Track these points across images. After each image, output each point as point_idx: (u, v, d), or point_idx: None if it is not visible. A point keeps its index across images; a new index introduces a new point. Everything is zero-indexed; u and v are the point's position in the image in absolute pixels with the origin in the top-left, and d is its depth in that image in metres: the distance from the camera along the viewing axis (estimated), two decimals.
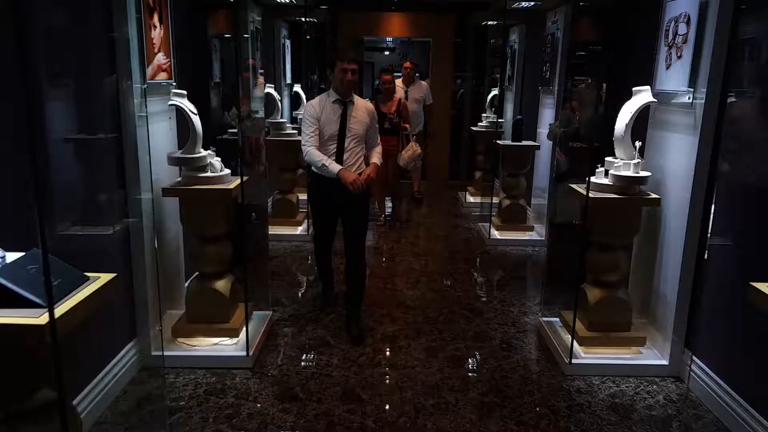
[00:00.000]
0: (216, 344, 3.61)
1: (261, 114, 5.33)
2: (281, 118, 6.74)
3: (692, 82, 3.24)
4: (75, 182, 2.94)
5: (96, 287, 1.79)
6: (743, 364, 3.00)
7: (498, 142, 6.44)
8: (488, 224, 6.40)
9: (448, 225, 7.07)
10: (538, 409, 3.16)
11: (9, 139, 2.30)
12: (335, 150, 3.82)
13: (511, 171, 6.33)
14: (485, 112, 8.14)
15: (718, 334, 3.22)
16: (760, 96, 2.91)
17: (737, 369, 3.03)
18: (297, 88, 7.56)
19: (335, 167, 3.73)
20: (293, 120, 7.48)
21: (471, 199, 8.07)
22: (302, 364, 3.58)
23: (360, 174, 3.77)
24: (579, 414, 3.11)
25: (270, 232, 5.62)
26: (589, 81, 4.65)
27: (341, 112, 3.81)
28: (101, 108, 3.12)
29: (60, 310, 1.62)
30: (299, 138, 4.35)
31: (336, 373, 3.46)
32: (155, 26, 3.40)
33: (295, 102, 7.73)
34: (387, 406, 3.14)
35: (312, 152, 3.78)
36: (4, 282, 1.60)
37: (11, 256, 1.82)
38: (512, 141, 6.26)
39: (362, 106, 3.93)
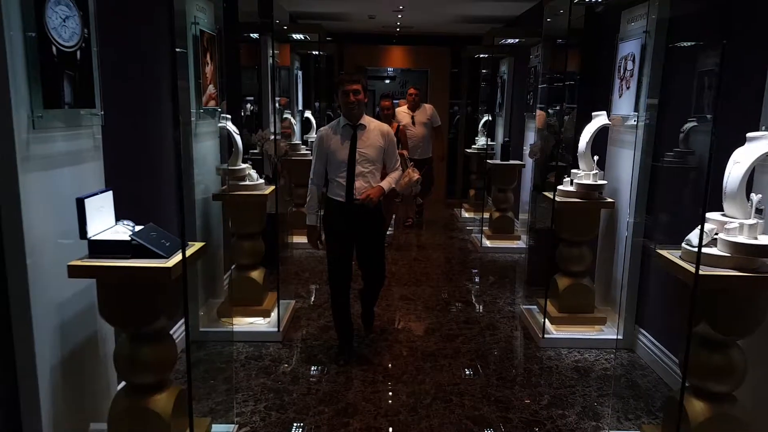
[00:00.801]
0: (251, 323, 4.38)
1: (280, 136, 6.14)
2: (296, 140, 7.57)
3: (636, 107, 4.06)
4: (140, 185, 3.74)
5: (196, 248, 2.57)
6: (672, 327, 3.77)
7: (488, 161, 7.27)
8: (480, 234, 7.21)
9: (444, 237, 7.85)
10: (514, 370, 3.92)
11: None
12: (346, 176, 3.76)
13: (500, 187, 7.14)
14: (478, 136, 8.99)
15: (658, 310, 4.00)
16: (682, 119, 3.73)
17: (672, 335, 3.80)
18: (308, 114, 8.41)
19: (310, 220, 3.94)
20: (305, 142, 8.31)
21: (466, 215, 8.88)
22: (322, 339, 4.34)
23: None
24: (548, 373, 3.87)
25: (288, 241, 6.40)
26: (557, 107, 5.45)
27: (351, 137, 3.77)
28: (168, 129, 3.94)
29: (174, 261, 2.39)
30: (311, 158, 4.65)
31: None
32: (207, 63, 4.23)
33: (306, 126, 8.58)
34: (392, 366, 3.90)
35: (310, 190, 3.92)
36: (140, 241, 2.39)
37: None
38: (501, 160, 7.09)
39: (375, 128, 3.85)
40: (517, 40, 7.30)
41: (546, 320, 4.37)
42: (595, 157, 4.24)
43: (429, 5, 7.66)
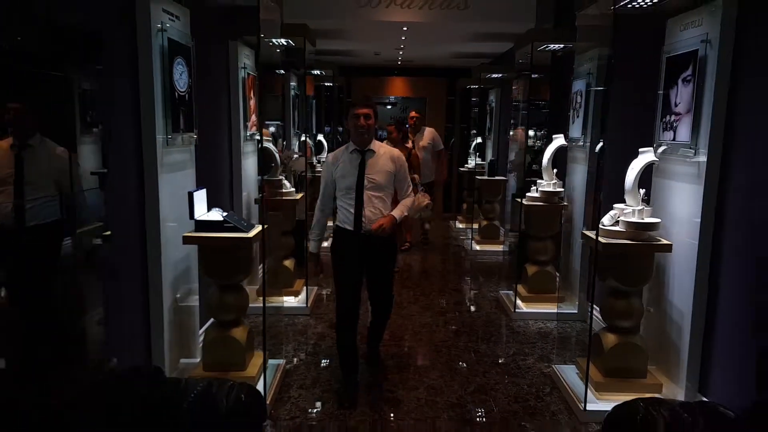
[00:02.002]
0: (285, 302, 5.55)
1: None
2: (278, 174, 8.79)
3: (584, 132, 5.27)
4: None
5: (259, 229, 3.75)
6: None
7: (477, 177, 8.49)
8: (471, 240, 8.40)
9: (440, 244, 9.02)
10: (490, 333, 5.07)
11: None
12: (354, 203, 3.66)
13: (487, 199, 8.35)
14: (470, 157, 10.21)
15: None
16: (616, 139, 4.92)
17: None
18: (320, 137, 9.65)
19: (312, 246, 3.93)
20: (318, 161, 9.55)
21: (460, 225, 10.07)
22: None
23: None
24: (516, 335, 5.03)
25: None
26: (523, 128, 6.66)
27: (359, 162, 3.67)
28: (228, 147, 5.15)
29: (253, 233, 3.57)
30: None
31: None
32: (251, 98, 5.46)
33: (319, 148, 9.81)
34: (395, 333, 5.05)
35: (316, 216, 3.89)
36: (231, 221, 3.57)
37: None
38: (488, 176, 8.31)
39: (385, 153, 3.74)
40: (501, 74, 8.56)
41: (517, 299, 5.53)
42: (554, 170, 5.44)
43: (426, 44, 8.94)
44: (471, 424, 3.56)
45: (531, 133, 7.02)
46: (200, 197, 3.65)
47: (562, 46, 5.83)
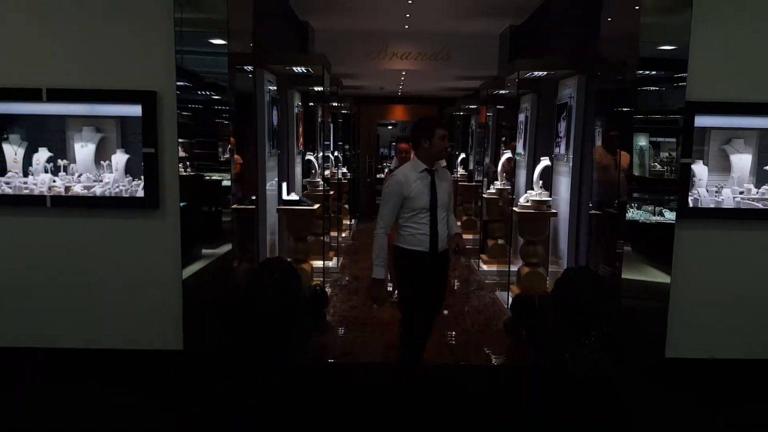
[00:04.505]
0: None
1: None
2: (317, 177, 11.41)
3: (524, 148, 7.87)
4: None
5: (318, 205, 6.36)
6: None
7: (459, 183, 11.14)
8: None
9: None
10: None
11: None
12: (428, 222, 3.64)
13: (466, 199, 10.98)
14: (456, 168, 12.83)
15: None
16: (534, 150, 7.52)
17: None
18: (337, 153, 12.25)
19: (378, 273, 3.69)
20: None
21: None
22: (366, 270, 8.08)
23: (454, 246, 3.85)
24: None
25: None
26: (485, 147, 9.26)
27: (429, 182, 3.68)
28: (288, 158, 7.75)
29: (315, 207, 6.18)
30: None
31: None
32: (300, 125, 8.07)
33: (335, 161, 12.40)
34: None
35: (381, 240, 3.69)
36: (305, 200, 6.19)
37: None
38: (467, 180, 10.96)
39: (442, 171, 3.84)
40: (475, 105, 11.24)
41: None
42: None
43: (420, 82, 11.62)
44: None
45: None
46: (284, 186, 6.27)
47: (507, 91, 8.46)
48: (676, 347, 4.55)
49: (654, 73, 4.47)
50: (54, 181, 4.63)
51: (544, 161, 6.32)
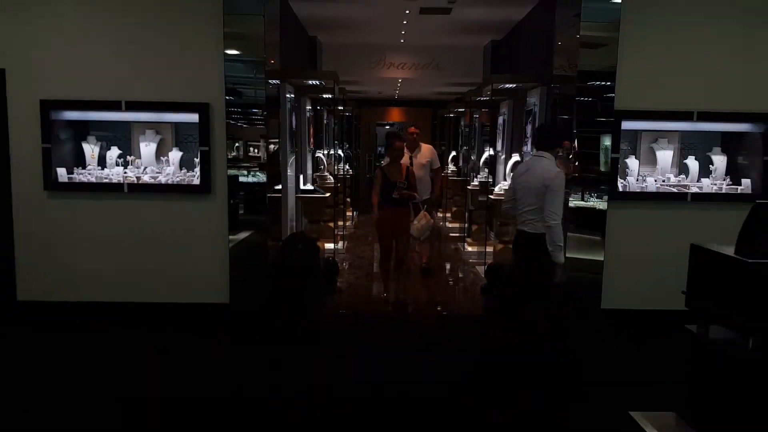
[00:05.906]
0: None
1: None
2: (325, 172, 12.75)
3: (502, 147, 9.21)
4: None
5: (329, 194, 7.71)
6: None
7: (449, 178, 12.49)
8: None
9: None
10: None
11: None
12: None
13: (454, 191, 12.33)
14: (447, 164, 14.18)
15: None
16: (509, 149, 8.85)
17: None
18: (339, 152, 13.59)
19: (562, 258, 4.47)
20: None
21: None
22: (367, 252, 9.42)
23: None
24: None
25: None
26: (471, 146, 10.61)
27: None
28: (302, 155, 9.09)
29: (327, 195, 7.53)
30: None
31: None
32: (311, 126, 9.40)
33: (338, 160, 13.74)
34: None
35: (561, 229, 4.34)
36: (318, 189, 7.54)
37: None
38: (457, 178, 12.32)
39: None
40: (462, 108, 12.62)
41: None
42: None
43: (415, 87, 12.97)
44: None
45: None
46: (300, 178, 7.63)
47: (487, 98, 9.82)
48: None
49: (590, 85, 5.80)
50: (125, 173, 5.97)
51: (515, 157, 7.67)
